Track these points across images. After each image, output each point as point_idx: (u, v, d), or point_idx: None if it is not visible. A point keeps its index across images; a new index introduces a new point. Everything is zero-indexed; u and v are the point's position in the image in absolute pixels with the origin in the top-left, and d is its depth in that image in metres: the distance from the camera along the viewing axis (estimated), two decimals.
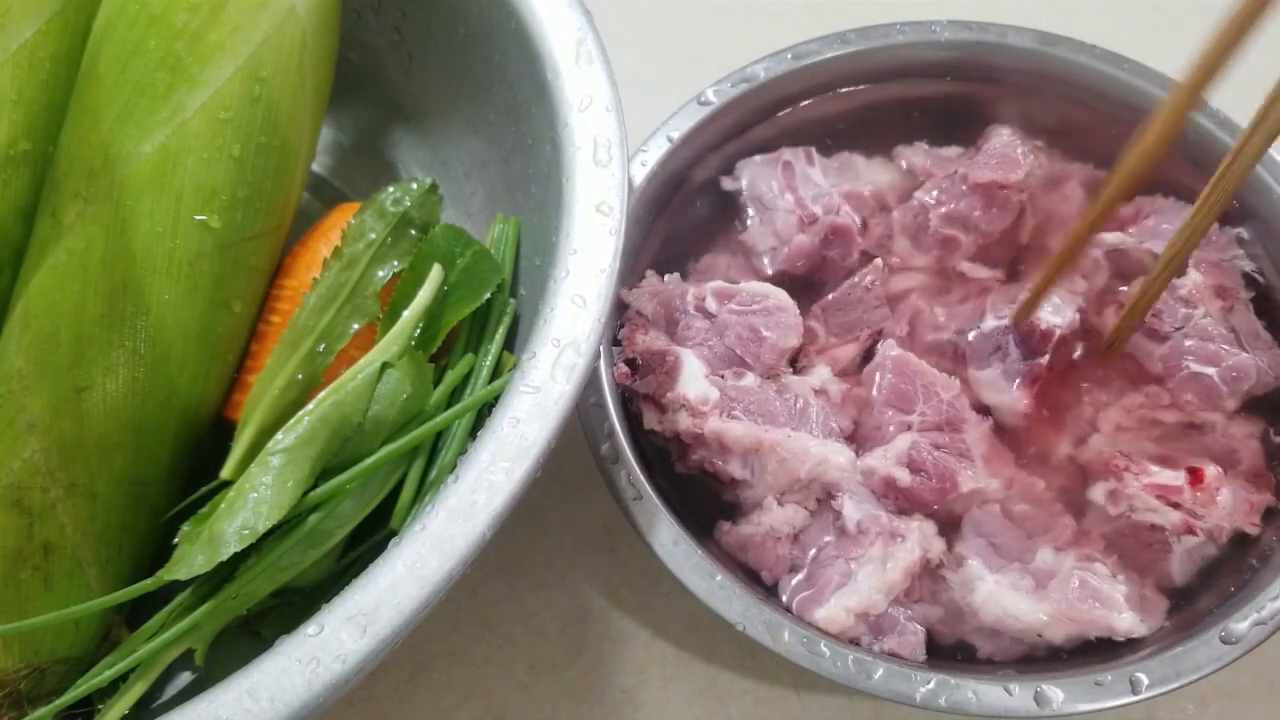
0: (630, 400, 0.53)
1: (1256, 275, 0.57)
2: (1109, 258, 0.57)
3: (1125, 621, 0.47)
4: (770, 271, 0.57)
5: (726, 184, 0.60)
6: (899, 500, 0.51)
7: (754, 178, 0.59)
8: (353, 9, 0.58)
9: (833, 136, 0.62)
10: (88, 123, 0.46)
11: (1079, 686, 0.45)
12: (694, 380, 0.52)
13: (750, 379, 0.52)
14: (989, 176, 0.57)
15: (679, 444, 0.52)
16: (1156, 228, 0.57)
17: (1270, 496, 0.51)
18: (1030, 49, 0.61)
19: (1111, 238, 0.57)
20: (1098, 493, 0.52)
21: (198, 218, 0.45)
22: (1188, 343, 0.54)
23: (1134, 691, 0.45)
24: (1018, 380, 0.53)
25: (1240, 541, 0.51)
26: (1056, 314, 0.54)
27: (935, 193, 0.58)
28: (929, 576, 0.50)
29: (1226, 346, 0.54)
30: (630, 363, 0.53)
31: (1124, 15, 0.78)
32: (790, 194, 0.58)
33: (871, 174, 0.60)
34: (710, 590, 0.47)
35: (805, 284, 0.57)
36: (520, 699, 0.54)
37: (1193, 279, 0.55)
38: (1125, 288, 0.56)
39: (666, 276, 0.57)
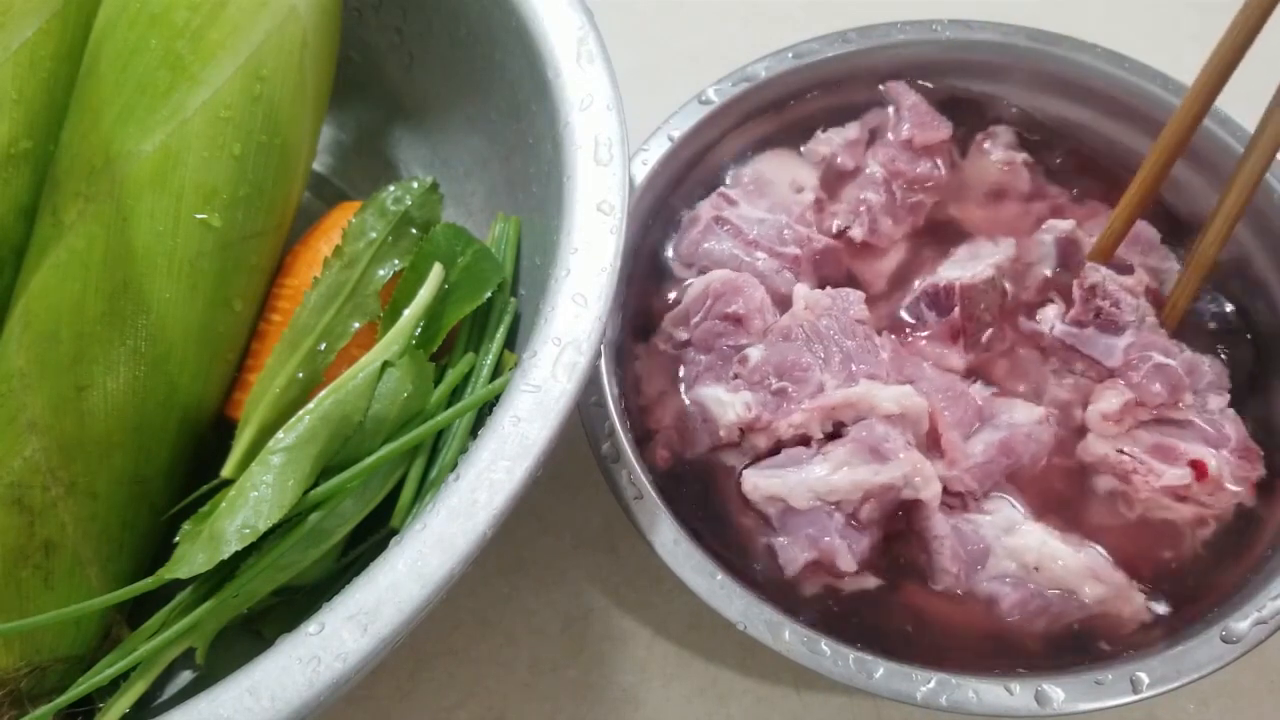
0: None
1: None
2: (1059, 244, 0.57)
3: (1139, 599, 0.49)
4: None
5: (682, 273, 0.58)
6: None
7: (712, 259, 0.57)
8: (353, 8, 0.58)
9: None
10: (88, 121, 0.46)
11: (1079, 686, 0.45)
12: (730, 405, 0.51)
13: (755, 352, 0.52)
14: (936, 136, 0.60)
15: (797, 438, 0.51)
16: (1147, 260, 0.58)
17: (1260, 469, 0.51)
18: (1030, 48, 0.61)
19: (1066, 224, 0.58)
20: (1102, 485, 0.52)
21: (198, 216, 0.45)
22: (1147, 335, 0.54)
23: (1134, 691, 0.45)
24: (944, 338, 0.55)
25: (1242, 514, 0.51)
26: (957, 268, 0.56)
27: (893, 162, 0.59)
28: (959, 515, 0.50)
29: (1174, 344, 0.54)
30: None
31: (1124, 15, 0.78)
32: (760, 251, 0.57)
33: (783, 173, 0.61)
34: (711, 589, 0.47)
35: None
36: (521, 698, 0.54)
37: (1138, 276, 0.56)
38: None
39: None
